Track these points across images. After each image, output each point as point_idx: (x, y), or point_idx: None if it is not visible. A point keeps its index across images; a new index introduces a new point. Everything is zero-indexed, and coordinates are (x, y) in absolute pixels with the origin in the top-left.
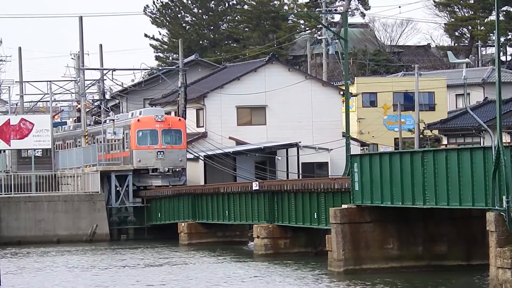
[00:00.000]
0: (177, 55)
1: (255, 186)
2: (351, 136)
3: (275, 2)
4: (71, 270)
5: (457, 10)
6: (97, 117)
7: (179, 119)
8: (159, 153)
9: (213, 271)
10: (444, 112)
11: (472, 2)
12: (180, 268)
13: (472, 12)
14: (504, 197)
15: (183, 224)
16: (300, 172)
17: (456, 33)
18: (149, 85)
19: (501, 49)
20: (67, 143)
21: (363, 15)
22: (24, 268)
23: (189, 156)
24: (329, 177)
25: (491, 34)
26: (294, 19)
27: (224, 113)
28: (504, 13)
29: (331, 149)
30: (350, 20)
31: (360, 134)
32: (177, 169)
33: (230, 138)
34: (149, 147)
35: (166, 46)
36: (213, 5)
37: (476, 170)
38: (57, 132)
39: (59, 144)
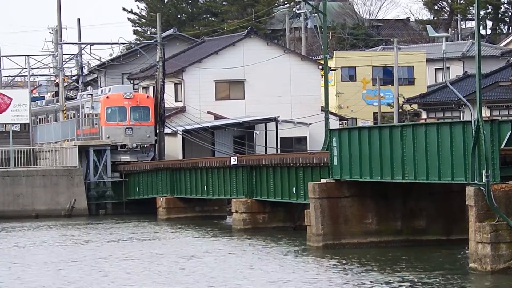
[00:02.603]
0: (155, 29)
1: (234, 160)
2: (330, 111)
3: None
4: (38, 246)
5: None
6: (67, 93)
7: (147, 96)
8: (127, 129)
9: (190, 246)
10: (423, 87)
11: None
12: (155, 242)
13: None
14: (483, 172)
15: (161, 198)
16: (279, 146)
17: (436, 7)
18: (127, 59)
19: (481, 22)
20: (39, 119)
21: None
22: (1, 243)
23: (167, 130)
24: (308, 151)
25: (470, 8)
26: None
27: (202, 87)
28: None
29: (310, 124)
30: None
31: (339, 109)
32: (145, 145)
33: (208, 112)
34: (118, 123)
35: (144, 20)
36: None
37: (455, 145)
38: (32, 108)
39: (32, 120)
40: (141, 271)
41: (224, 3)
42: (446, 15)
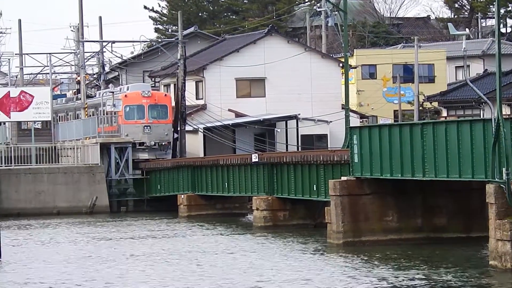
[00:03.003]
0: (177, 27)
1: (255, 158)
2: (350, 108)
3: None
4: (63, 242)
5: None
6: (87, 91)
7: (165, 95)
8: (145, 127)
9: (211, 243)
10: (443, 84)
11: None
12: (175, 240)
13: None
14: (504, 169)
15: (182, 196)
16: (299, 144)
17: (456, 5)
18: (148, 57)
19: (501, 20)
20: (59, 116)
21: None
22: (24, 240)
23: (189, 128)
24: (328, 149)
25: (491, 6)
26: None
27: (223, 85)
28: None
29: (331, 121)
30: None
31: (360, 106)
32: (163, 143)
33: (229, 110)
34: (136, 121)
35: (165, 18)
36: None
37: (475, 142)
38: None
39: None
40: (160, 268)
41: (245, 1)
42: (466, 13)
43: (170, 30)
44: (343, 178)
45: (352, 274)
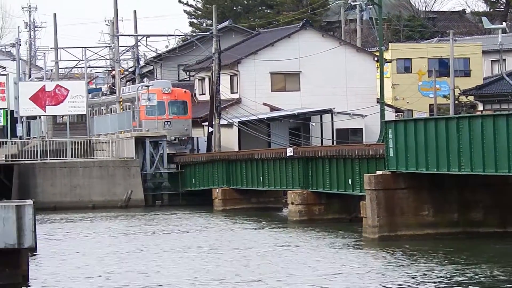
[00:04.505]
0: (211, 21)
1: (289, 152)
2: (385, 102)
3: None
4: (99, 236)
5: None
6: (112, 86)
7: (185, 91)
8: (166, 123)
9: (246, 237)
10: (479, 78)
11: None
12: (210, 234)
13: None
14: None
15: (217, 190)
16: (334, 138)
17: None
18: (183, 51)
19: None
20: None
21: None
22: (60, 234)
23: (223, 122)
24: (364, 143)
25: None
26: None
27: (258, 79)
28: None
29: (366, 115)
30: None
31: (395, 100)
32: (183, 138)
33: (264, 104)
34: (157, 117)
35: (200, 12)
36: None
37: None
38: None
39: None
40: (192, 260)
41: None
42: (502, 7)
43: (204, 24)
44: (379, 172)
45: (387, 268)
